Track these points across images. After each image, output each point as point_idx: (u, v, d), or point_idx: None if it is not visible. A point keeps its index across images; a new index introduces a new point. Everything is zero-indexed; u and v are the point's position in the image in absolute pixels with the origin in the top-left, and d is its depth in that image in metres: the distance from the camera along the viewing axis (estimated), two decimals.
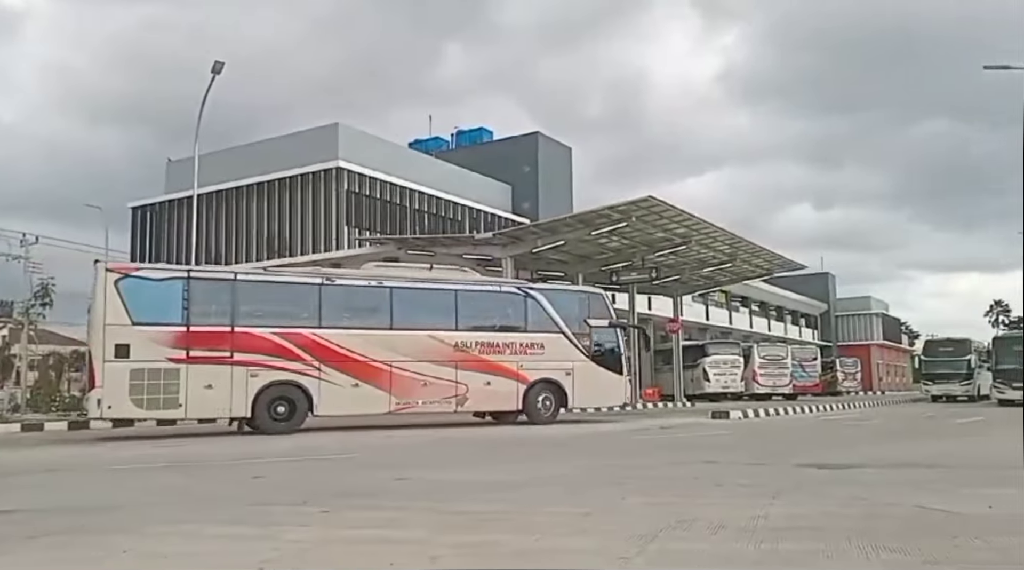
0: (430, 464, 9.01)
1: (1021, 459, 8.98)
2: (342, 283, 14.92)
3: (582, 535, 4.44)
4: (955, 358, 33.10)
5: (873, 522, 4.72)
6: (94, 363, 12.43)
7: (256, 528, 4.75)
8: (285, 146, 27.76)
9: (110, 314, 12.55)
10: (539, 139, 35.21)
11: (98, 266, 13.26)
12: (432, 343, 14.85)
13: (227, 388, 13.13)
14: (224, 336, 13.26)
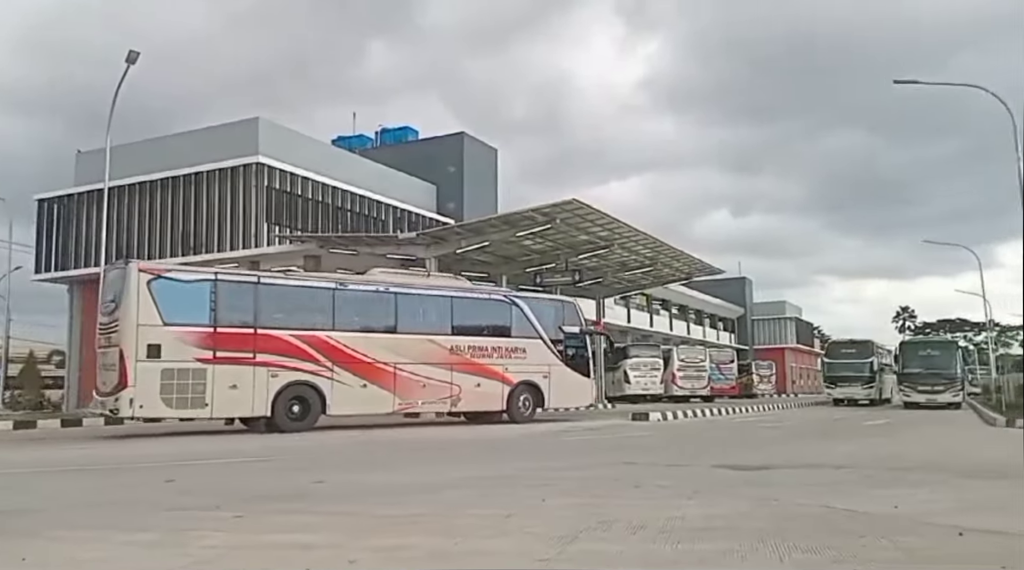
0: (351, 467, 8.83)
1: (925, 460, 9.52)
2: (354, 288, 15.53)
3: (502, 537, 4.42)
4: (857, 360, 32.38)
5: (785, 522, 4.85)
6: (126, 363, 12.50)
7: (167, 534, 4.56)
8: (203, 140, 26.74)
9: (143, 314, 12.74)
10: (464, 139, 35.14)
11: (130, 266, 13.25)
12: (431, 347, 15.65)
13: (250, 388, 13.50)
14: (248, 337, 13.65)
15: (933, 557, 3.92)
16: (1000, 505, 5.85)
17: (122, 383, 12.53)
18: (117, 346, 12.74)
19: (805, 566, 3.70)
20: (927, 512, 5.19)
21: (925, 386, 28.15)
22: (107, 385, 13.05)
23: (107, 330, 13.33)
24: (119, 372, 12.61)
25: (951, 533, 4.42)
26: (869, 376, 32.24)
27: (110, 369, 12.92)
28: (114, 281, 13.44)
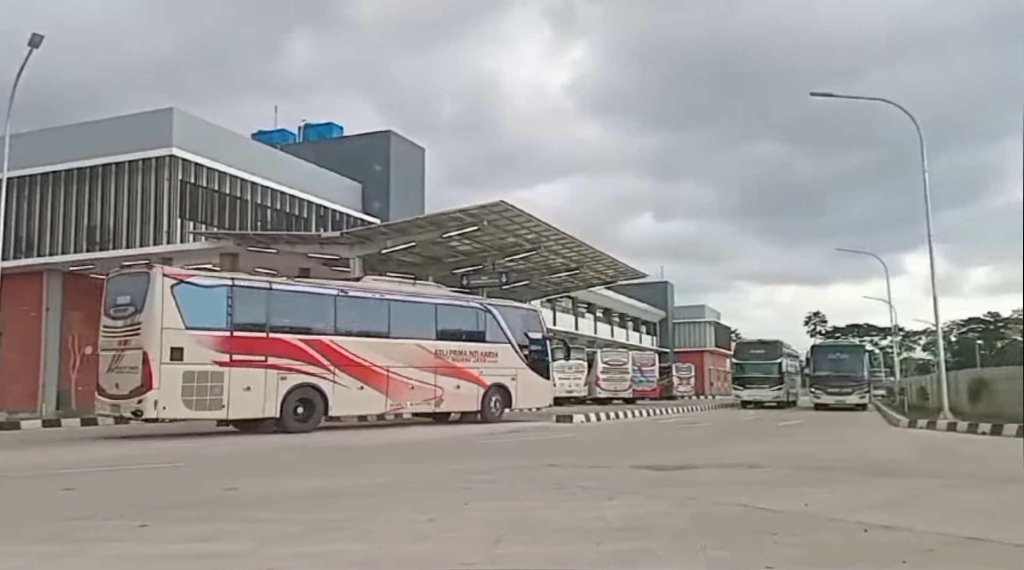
0: (267, 472, 8.55)
1: (834, 459, 9.94)
2: (354, 294, 16.14)
3: (424, 541, 4.37)
4: (766, 361, 32.01)
5: (702, 521, 4.98)
6: (151, 365, 12.75)
7: (62, 545, 4.29)
8: (113, 129, 25.37)
9: (167, 318, 13.05)
10: (391, 138, 34.63)
11: (154, 271, 13.51)
12: (419, 351, 16.52)
13: (262, 390, 13.95)
14: (261, 341, 14.12)
15: (840, 553, 4.07)
16: (901, 502, 6.14)
17: (146, 385, 12.73)
18: (139, 349, 12.94)
19: (720, 564, 3.80)
20: (835, 509, 5.39)
21: (834, 388, 29.42)
22: (122, 387, 13.09)
23: (123, 333, 13.40)
24: (143, 374, 12.81)
25: (857, 530, 4.61)
26: (777, 378, 31.91)
27: (129, 371, 13.05)
28: (131, 285, 13.66)
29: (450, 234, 22.28)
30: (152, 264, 14.77)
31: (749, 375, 32.32)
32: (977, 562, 3.88)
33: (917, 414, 20.69)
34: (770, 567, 3.68)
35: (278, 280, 15.71)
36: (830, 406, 28.82)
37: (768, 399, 31.59)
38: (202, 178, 25.31)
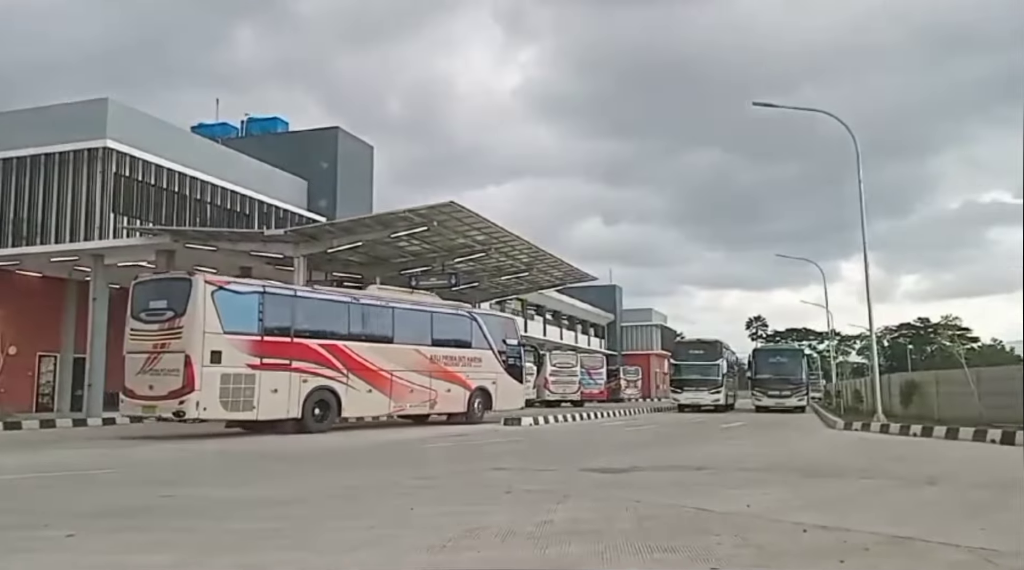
0: (206, 479, 8.29)
1: (774, 461, 10.16)
2: (364, 302, 17.17)
3: (367, 549, 4.29)
4: (706, 362, 30.47)
5: (647, 523, 5.02)
6: (193, 367, 13.26)
7: None
8: (44, 119, 24.17)
9: (208, 323, 13.61)
10: (339, 134, 33.94)
11: (196, 277, 14.12)
12: (417, 356, 17.55)
13: (287, 392, 14.69)
14: (287, 345, 14.87)
15: (781, 553, 4.16)
16: (838, 503, 6.33)
17: (189, 387, 13.20)
18: (181, 352, 13.41)
19: (665, 564, 3.86)
20: (775, 510, 5.51)
21: (774, 391, 30.15)
22: (158, 389, 13.51)
23: (159, 336, 13.79)
24: (185, 376, 13.28)
25: (797, 530, 4.72)
26: (717, 380, 30.37)
27: (167, 373, 13.46)
28: (169, 289, 14.32)
29: (399, 234, 22.02)
30: (193, 271, 15.82)
31: (687, 377, 30.67)
32: (908, 560, 4.01)
33: (852, 416, 21.37)
34: (715, 568, 3.74)
35: (301, 288, 16.93)
36: (771, 408, 29.47)
37: (707, 403, 30.09)
38: (138, 171, 24.37)
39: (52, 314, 26.07)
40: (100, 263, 23.19)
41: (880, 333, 70.51)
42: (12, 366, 22.65)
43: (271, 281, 16.57)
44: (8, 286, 24.79)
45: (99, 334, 22.66)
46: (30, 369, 26.11)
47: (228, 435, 14.56)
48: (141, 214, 24.44)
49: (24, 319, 23.04)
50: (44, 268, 25.39)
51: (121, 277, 25.97)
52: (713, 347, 31.81)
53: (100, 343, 22.66)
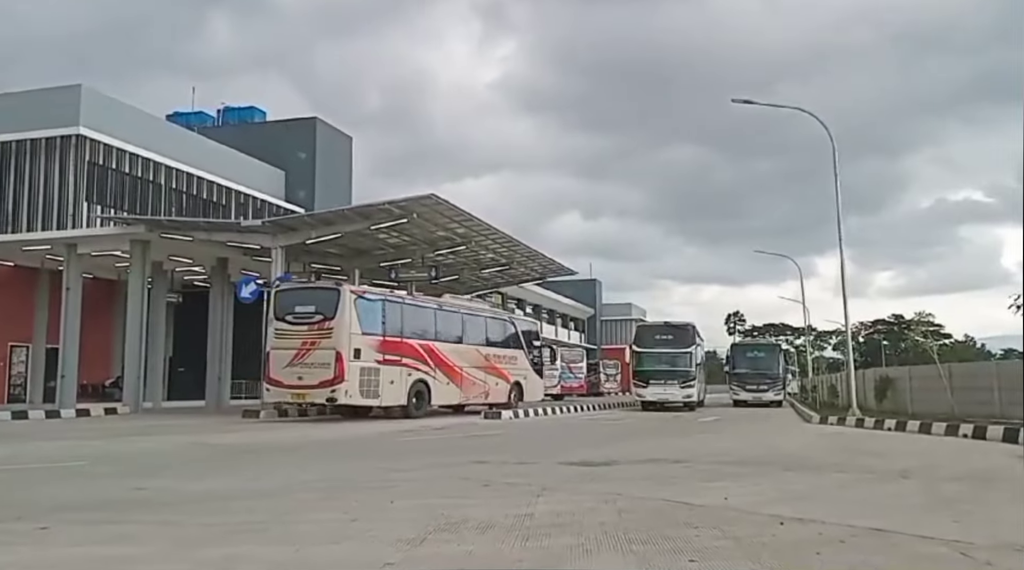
0: (181, 473, 8.18)
1: (751, 455, 10.26)
2: (445, 308, 20.60)
3: (346, 542, 4.27)
4: (675, 350, 25.87)
5: (626, 516, 5.04)
6: (344, 362, 16.32)
7: None
8: (15, 105, 23.68)
9: (352, 325, 16.73)
10: (317, 125, 33.57)
11: (344, 288, 17.53)
12: (478, 355, 20.82)
13: (399, 383, 17.77)
14: (399, 344, 17.99)
15: (758, 545, 4.18)
16: (814, 496, 6.38)
17: (339, 377, 16.21)
18: (332, 348, 16.36)
19: (644, 557, 3.86)
20: (753, 503, 5.56)
21: (752, 385, 30.33)
22: (307, 379, 16.41)
23: (309, 335, 16.74)
24: (336, 369, 16.23)
25: (773, 523, 4.76)
26: (688, 373, 25.70)
27: (318, 366, 16.35)
28: (315, 296, 17.38)
29: (379, 226, 21.87)
30: (340, 281, 19.66)
31: (652, 368, 25.94)
32: (883, 552, 4.04)
33: (828, 411, 21.65)
34: (693, 560, 3.76)
35: (407, 297, 19.51)
36: (748, 402, 29.69)
37: (676, 399, 25.47)
38: (112, 160, 24.00)
39: (24, 304, 25.68)
40: (74, 252, 22.82)
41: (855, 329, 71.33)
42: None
43: (390, 290, 19.81)
44: None
45: (72, 324, 22.31)
46: (1, 360, 25.70)
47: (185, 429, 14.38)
48: (115, 203, 24.07)
49: None
50: (15, 257, 24.94)
51: (94, 267, 25.63)
52: (684, 332, 26.72)
53: (73, 334, 22.32)
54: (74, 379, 22.34)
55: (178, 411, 22.26)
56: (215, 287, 25.29)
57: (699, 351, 27.06)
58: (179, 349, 29.22)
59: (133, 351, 22.07)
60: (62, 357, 22.29)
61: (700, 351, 26.96)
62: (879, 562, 3.79)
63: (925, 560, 3.93)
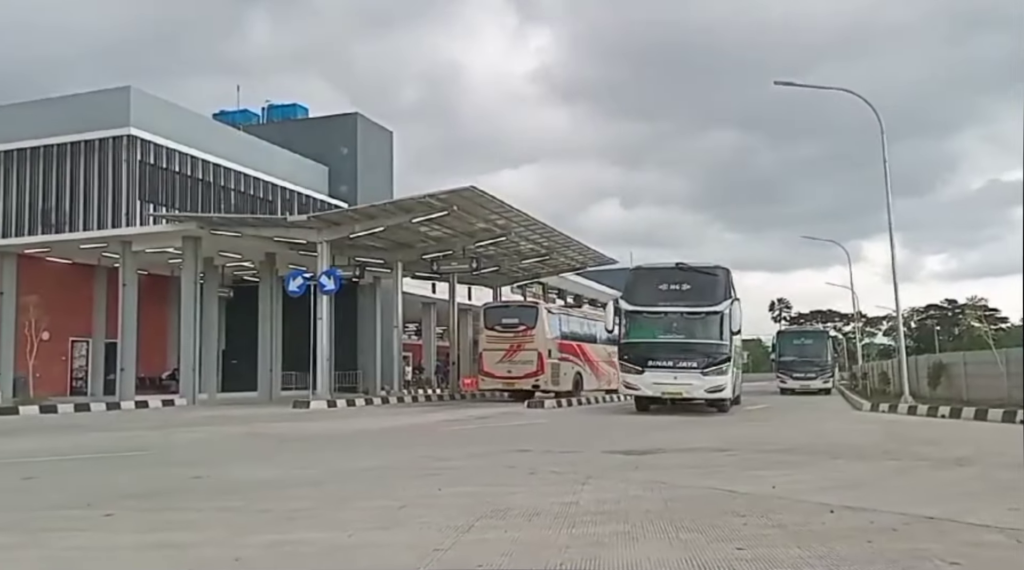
0: (236, 461, 8.42)
1: (799, 443, 10.10)
2: (587, 317, 27.16)
3: (396, 528, 4.35)
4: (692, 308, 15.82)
5: (672, 504, 5.03)
6: (544, 359, 22.33)
7: (26, 536, 4.19)
8: (67, 108, 24.49)
9: (548, 332, 22.85)
10: (359, 120, 33.88)
11: (540, 305, 24.93)
12: (604, 351, 24.80)
13: (569, 375, 23.67)
14: (568, 345, 24.06)
15: (808, 533, 4.12)
16: (864, 484, 6.28)
17: (540, 370, 22.27)
18: (535, 349, 22.38)
19: (691, 545, 3.84)
20: (802, 491, 5.49)
21: (799, 373, 29.96)
22: (515, 372, 22.46)
23: (515, 339, 22.66)
24: (538, 364, 22.29)
25: (823, 511, 4.70)
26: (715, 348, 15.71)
27: (524, 363, 22.39)
28: (518, 312, 23.78)
29: (419, 219, 22.07)
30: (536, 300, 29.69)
31: (652, 340, 15.95)
32: (937, 540, 3.96)
33: (879, 398, 21.19)
34: (741, 548, 3.73)
35: (569, 309, 27.24)
36: (795, 391, 29.30)
37: (695, 395, 15.71)
38: (162, 159, 24.66)
39: (83, 300, 26.65)
40: (128, 249, 23.58)
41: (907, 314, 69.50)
42: (45, 351, 23.13)
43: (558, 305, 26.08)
44: (39, 273, 25.33)
45: (129, 319, 23.11)
46: (63, 354, 26.74)
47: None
48: (166, 201, 24.74)
49: (56, 305, 23.46)
50: (74, 255, 25.87)
51: (149, 263, 26.45)
52: (711, 281, 16.17)
53: (131, 328, 23.11)
54: (132, 372, 23.15)
55: (232, 402, 22.89)
56: (264, 281, 25.87)
57: (735, 312, 15.68)
58: (231, 342, 30.01)
59: (188, 344, 22.73)
60: (120, 351, 23.12)
61: (736, 312, 15.67)
62: (934, 550, 3.71)
63: (980, 548, 3.85)
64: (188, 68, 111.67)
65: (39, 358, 21.58)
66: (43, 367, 22.90)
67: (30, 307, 21.50)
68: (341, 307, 26.84)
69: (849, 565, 3.44)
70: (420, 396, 25.91)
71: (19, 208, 24.67)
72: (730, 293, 16.38)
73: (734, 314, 15.93)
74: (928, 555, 3.63)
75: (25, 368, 21.95)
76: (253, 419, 14.91)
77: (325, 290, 21.09)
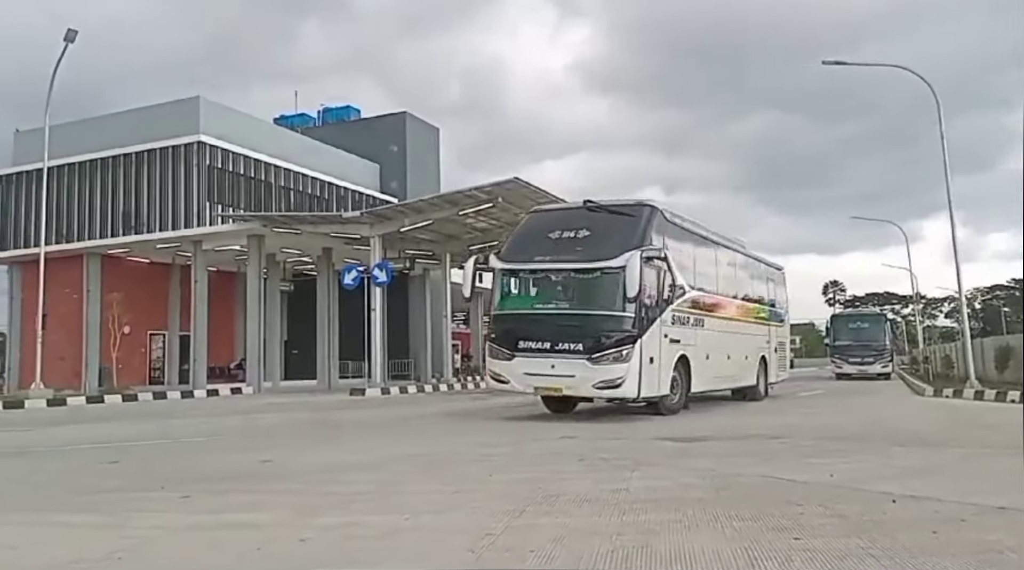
0: (299, 445, 8.71)
1: (857, 429, 9.81)
2: None
3: (450, 512, 4.43)
4: (586, 280, 10.78)
5: (726, 492, 4.95)
6: None
7: (108, 516, 4.44)
8: (143, 119, 25.87)
9: None
10: (407, 118, 34.70)
11: None
12: None
13: None
14: None
15: (868, 523, 3.98)
16: (928, 472, 6.03)
17: None
18: None
19: (746, 534, 3.75)
20: (860, 480, 5.32)
21: (856, 357, 29.10)
22: None
23: None
24: None
25: (884, 500, 4.54)
26: (610, 334, 10.35)
27: None
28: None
29: (466, 212, 22.33)
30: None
31: (531, 313, 11.12)
32: (1008, 531, 3.77)
33: (942, 383, 20.45)
34: (798, 538, 3.62)
35: None
36: (852, 375, 28.48)
37: (581, 390, 10.80)
38: (228, 163, 25.70)
39: (159, 296, 28.10)
40: (199, 248, 24.65)
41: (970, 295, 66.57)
42: (127, 344, 24.54)
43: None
44: (120, 271, 26.83)
45: (201, 313, 24.19)
46: (142, 346, 28.23)
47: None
48: (232, 202, 25.74)
49: (135, 301, 24.91)
50: (150, 254, 27.25)
51: (217, 260, 27.63)
52: (623, 225, 11.04)
53: (202, 321, 24.19)
54: (204, 362, 24.26)
55: (293, 390, 23.69)
56: (321, 275, 26.57)
57: (651, 268, 10.75)
58: (293, 333, 30.97)
59: (253, 336, 23.63)
60: (193, 343, 24.32)
61: (654, 270, 10.88)
62: (1005, 542, 3.53)
63: None
64: (248, 77, 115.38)
65: (121, 350, 22.94)
66: (125, 359, 24.31)
67: (113, 303, 22.84)
68: (393, 298, 27.38)
69: (914, 556, 3.29)
70: (469, 383, 26.20)
71: (103, 212, 26.12)
72: (650, 241, 10.84)
73: (650, 272, 10.58)
74: (999, 547, 3.45)
75: (109, 360, 23.34)
76: (313, 406, 15.35)
77: (378, 282, 21.51)
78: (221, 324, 27.94)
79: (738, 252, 15.56)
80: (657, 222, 11.25)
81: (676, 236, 11.97)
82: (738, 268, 15.21)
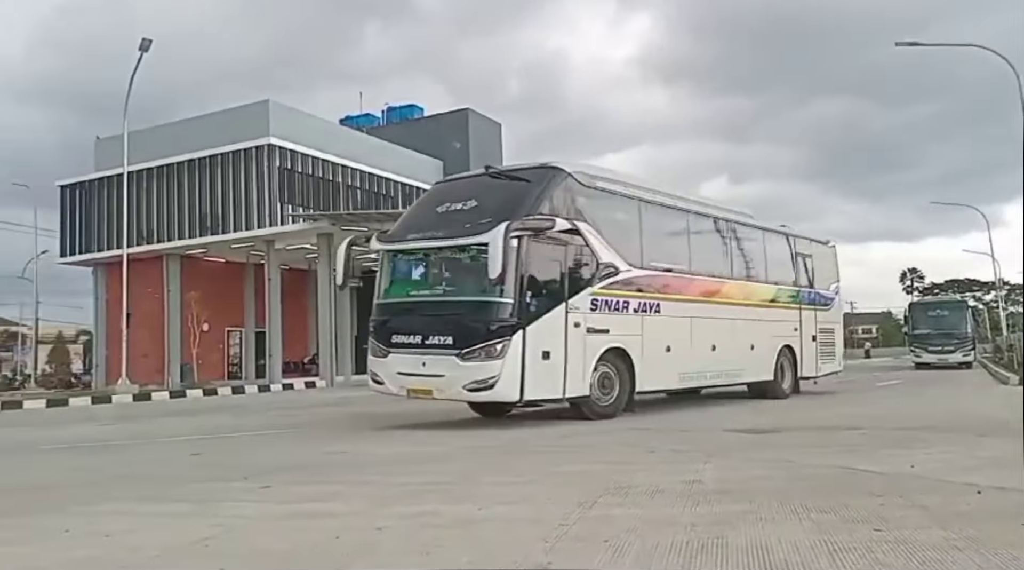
0: (372, 437, 8.90)
1: (938, 420, 9.43)
2: None
3: (522, 503, 4.45)
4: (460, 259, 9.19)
5: (802, 483, 4.85)
6: None
7: (195, 505, 4.65)
8: (215, 123, 26.91)
9: None
10: (469, 115, 35.01)
11: None
12: None
13: None
14: None
15: (952, 515, 3.85)
16: (1015, 463, 5.73)
17: None
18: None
19: (823, 526, 3.66)
20: (943, 471, 5.15)
21: (936, 347, 28.18)
22: None
23: None
24: None
25: (969, 491, 4.38)
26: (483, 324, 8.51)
27: None
28: None
29: None
30: None
31: (405, 302, 9.56)
32: None
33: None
34: (878, 530, 3.53)
35: None
36: (932, 365, 27.58)
37: (450, 391, 8.89)
38: (298, 164, 26.50)
39: (235, 294, 29.29)
40: (272, 248, 25.58)
41: None
42: (206, 341, 25.69)
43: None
44: (198, 271, 28.08)
45: (275, 310, 25.10)
46: (221, 343, 29.49)
47: None
48: (303, 202, 26.53)
49: (213, 299, 26.08)
50: (226, 254, 28.41)
51: (289, 259, 28.59)
52: (513, 192, 9.30)
53: (276, 318, 25.10)
54: (279, 357, 25.17)
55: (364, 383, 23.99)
56: None
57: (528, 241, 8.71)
58: (362, 328, 31.67)
59: (325, 332, 24.39)
60: (268, 339, 25.27)
61: (529, 242, 8.72)
62: None
63: None
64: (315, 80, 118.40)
65: (201, 347, 24.01)
66: (204, 355, 25.45)
67: (192, 302, 23.94)
68: None
69: (999, 549, 3.16)
70: None
71: (180, 214, 27.30)
72: (545, 210, 9.07)
73: (541, 247, 8.84)
74: None
75: (190, 356, 24.46)
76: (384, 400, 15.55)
77: None
78: (294, 320, 28.91)
79: (733, 222, 12.83)
80: (562, 187, 9.38)
81: (604, 204, 10.11)
82: (731, 242, 12.70)
